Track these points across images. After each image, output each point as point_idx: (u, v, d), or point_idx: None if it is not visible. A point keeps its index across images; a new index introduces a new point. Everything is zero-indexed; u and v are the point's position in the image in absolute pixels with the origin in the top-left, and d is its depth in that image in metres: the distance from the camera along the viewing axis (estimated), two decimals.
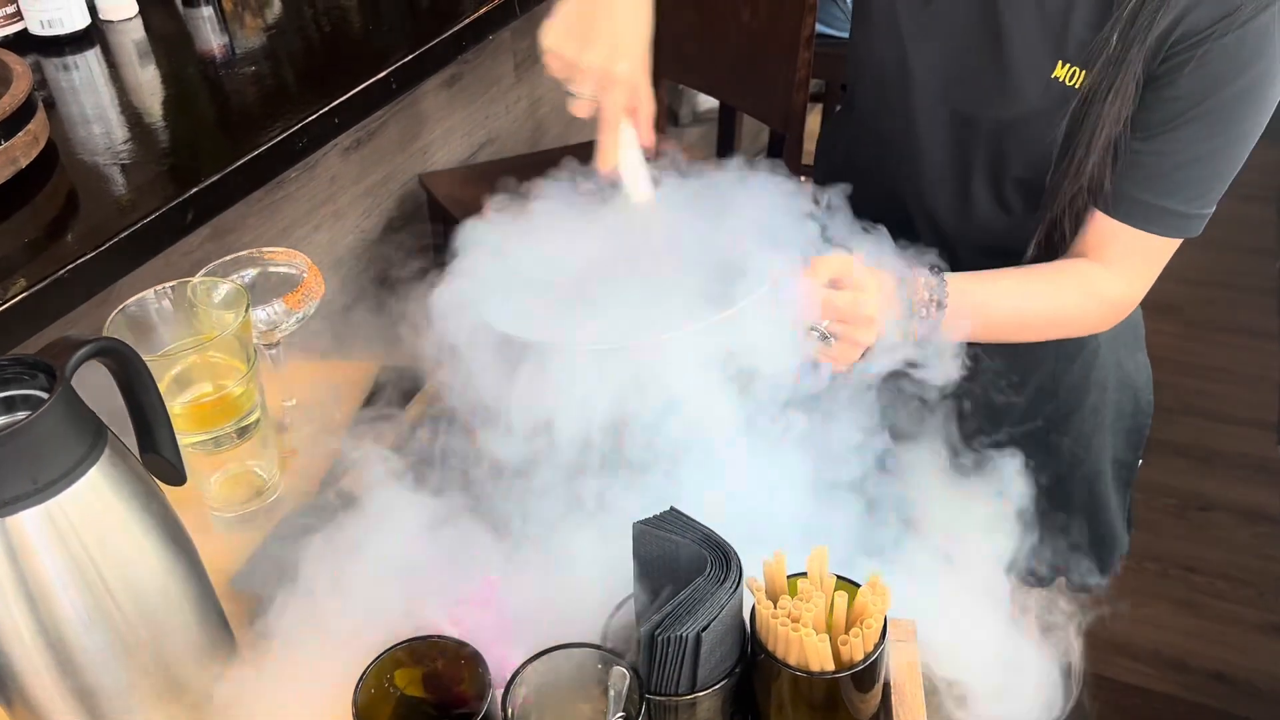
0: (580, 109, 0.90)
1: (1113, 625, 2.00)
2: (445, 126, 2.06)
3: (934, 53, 1.05)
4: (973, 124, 1.04)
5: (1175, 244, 1.01)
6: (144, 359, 0.74)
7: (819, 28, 2.24)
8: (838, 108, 2.63)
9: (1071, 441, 1.21)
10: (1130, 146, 0.96)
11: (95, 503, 0.67)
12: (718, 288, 0.87)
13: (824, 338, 0.89)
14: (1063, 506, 1.23)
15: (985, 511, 0.99)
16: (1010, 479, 1.19)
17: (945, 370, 0.95)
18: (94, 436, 0.68)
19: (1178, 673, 1.95)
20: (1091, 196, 0.99)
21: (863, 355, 0.93)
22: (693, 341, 0.83)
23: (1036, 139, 1.00)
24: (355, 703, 0.68)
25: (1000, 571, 0.97)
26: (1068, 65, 0.97)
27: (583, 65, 0.87)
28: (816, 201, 0.94)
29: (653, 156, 0.94)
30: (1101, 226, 1.01)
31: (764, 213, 0.93)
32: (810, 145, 2.50)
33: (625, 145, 0.91)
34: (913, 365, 0.95)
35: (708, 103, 3.14)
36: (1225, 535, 2.20)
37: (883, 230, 0.97)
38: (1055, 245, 1.04)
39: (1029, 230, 1.07)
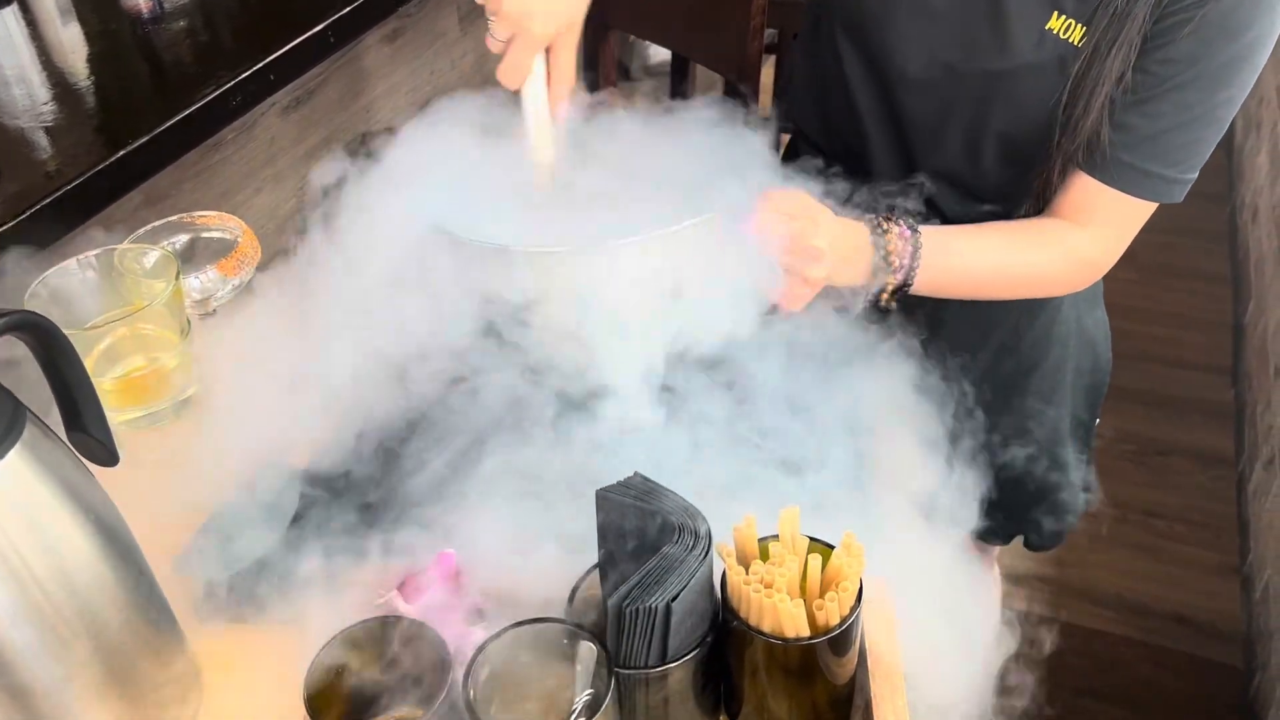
0: (493, 45, 0.87)
1: (1074, 571, 2.02)
2: (388, 84, 1.99)
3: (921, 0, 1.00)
4: (957, 74, 1.00)
5: (1152, 208, 1.00)
6: (66, 332, 0.69)
7: None
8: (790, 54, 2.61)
9: (1031, 400, 1.20)
10: (1119, 108, 0.94)
11: (16, 488, 0.63)
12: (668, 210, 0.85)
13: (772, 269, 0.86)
14: (1021, 466, 1.22)
15: (942, 468, 0.96)
16: (969, 438, 1.17)
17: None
18: (10, 418, 0.63)
19: (1139, 616, 1.97)
20: (1086, 154, 0.96)
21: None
22: (635, 256, 0.81)
23: (1024, 93, 0.97)
24: (306, 688, 0.65)
25: (956, 529, 0.95)
26: (1063, 17, 0.94)
27: (501, 9, 0.83)
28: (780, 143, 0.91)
29: (558, 122, 0.91)
30: (1084, 187, 0.99)
31: (726, 149, 0.91)
32: (765, 99, 2.46)
33: (531, 94, 0.88)
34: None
35: (659, 55, 3.08)
36: (1183, 479, 2.22)
37: (854, 176, 0.95)
38: (1047, 201, 1.02)
39: (998, 182, 1.04)
